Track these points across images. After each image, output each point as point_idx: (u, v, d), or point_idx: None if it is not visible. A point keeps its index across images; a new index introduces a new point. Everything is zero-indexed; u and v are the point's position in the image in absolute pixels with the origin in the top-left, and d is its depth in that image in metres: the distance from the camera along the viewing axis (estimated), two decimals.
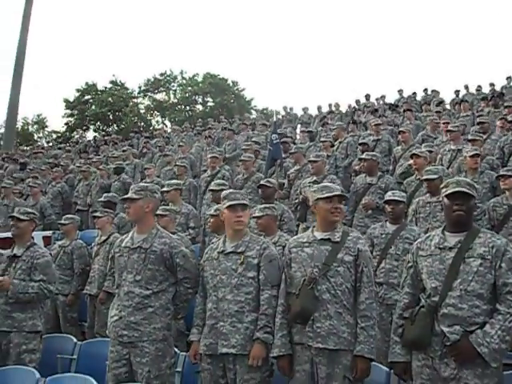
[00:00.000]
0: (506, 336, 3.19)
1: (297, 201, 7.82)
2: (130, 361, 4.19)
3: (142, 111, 34.21)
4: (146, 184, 4.65)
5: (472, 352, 3.18)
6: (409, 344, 3.41)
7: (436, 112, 12.79)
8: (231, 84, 34.36)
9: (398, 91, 20.09)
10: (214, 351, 3.98)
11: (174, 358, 4.37)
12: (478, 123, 10.01)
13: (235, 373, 3.94)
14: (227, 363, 3.97)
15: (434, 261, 3.41)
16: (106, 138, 21.95)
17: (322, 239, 3.84)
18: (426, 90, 19.45)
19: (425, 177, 6.25)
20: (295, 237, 4.20)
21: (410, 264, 3.59)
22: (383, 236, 5.39)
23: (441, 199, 3.66)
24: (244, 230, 4.19)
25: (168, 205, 7.41)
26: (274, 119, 10.27)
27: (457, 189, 3.41)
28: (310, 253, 3.82)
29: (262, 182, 7.11)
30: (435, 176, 6.00)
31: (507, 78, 18.43)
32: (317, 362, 3.67)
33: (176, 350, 4.57)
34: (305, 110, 20.52)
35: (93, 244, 7.27)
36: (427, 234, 3.67)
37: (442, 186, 3.62)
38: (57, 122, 47.97)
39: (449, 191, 3.43)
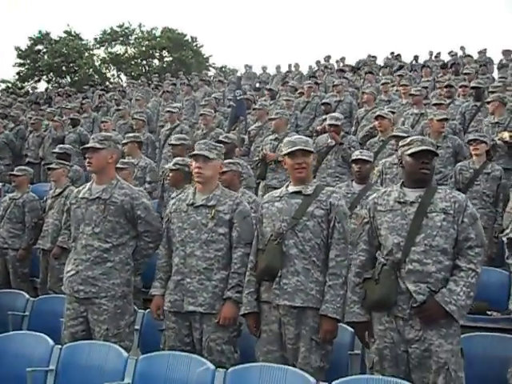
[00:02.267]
0: (470, 292, 3.18)
1: (257, 158, 7.71)
2: (87, 318, 4.02)
3: (97, 63, 33.18)
4: (109, 134, 4.41)
5: (440, 311, 3.14)
6: (374, 305, 3.31)
7: (398, 76, 12.79)
8: (190, 40, 33.57)
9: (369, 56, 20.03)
10: (179, 308, 3.85)
11: (133, 315, 4.21)
12: (446, 86, 10.03)
13: (201, 332, 3.82)
14: (193, 322, 3.85)
15: (395, 216, 3.31)
16: (59, 89, 21.25)
17: (293, 192, 3.69)
18: (392, 53, 19.49)
19: (395, 133, 6.25)
20: (270, 192, 4.03)
21: (365, 220, 3.47)
22: (349, 196, 5.32)
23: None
24: (214, 183, 4.02)
25: (125, 158, 7.18)
26: (238, 75, 10.11)
27: (423, 147, 3.33)
28: (280, 207, 3.68)
29: (220, 138, 6.98)
30: (405, 134, 5.96)
31: (461, 48, 18.57)
32: (285, 323, 3.57)
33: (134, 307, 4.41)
34: (264, 68, 20.34)
35: (45, 197, 7.00)
36: (383, 190, 3.57)
37: (402, 144, 3.50)
38: (7, 71, 45.86)
39: (414, 149, 3.34)
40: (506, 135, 7.28)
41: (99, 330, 3.96)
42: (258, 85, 17.74)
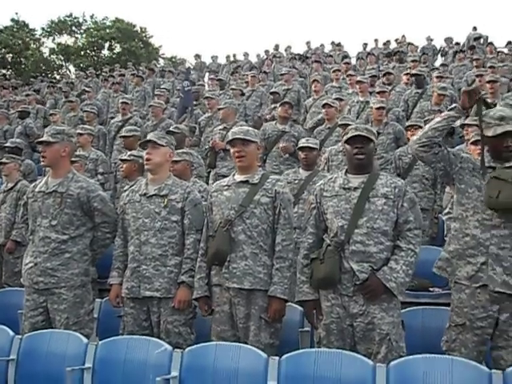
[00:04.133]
0: (409, 270, 3.45)
1: (206, 147, 7.86)
2: (47, 308, 4.13)
3: (44, 54, 32.46)
4: (62, 127, 4.49)
5: (381, 287, 3.40)
6: (319, 283, 3.53)
7: (344, 63, 13.06)
8: (139, 30, 33.26)
9: (306, 43, 20.33)
10: (137, 294, 4.00)
11: (92, 304, 4.35)
12: (384, 74, 10.39)
13: (159, 315, 3.99)
14: (151, 306, 4.01)
15: (340, 201, 3.54)
16: (4, 82, 20.81)
17: (240, 181, 3.87)
18: (333, 42, 19.80)
19: (341, 122, 6.48)
20: (218, 181, 4.21)
21: (313, 205, 3.68)
22: (296, 182, 5.53)
23: None
24: (165, 172, 4.17)
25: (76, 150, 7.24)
26: (186, 66, 10.18)
27: (356, 133, 3.55)
28: (228, 195, 3.86)
29: (170, 129, 7.07)
30: (351, 123, 6.19)
31: (402, 36, 19.04)
32: (235, 303, 3.77)
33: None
34: (214, 58, 20.37)
35: None
36: (329, 177, 3.79)
37: (342, 133, 3.74)
38: None
39: (348, 136, 3.58)
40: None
41: (59, 318, 4.07)
42: (207, 74, 17.82)
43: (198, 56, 20.49)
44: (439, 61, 17.25)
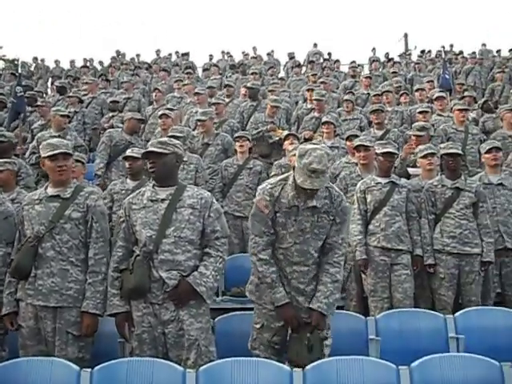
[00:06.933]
0: (217, 276, 3.65)
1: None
2: None
3: None
4: None
5: (191, 292, 3.55)
6: (130, 293, 3.58)
7: (187, 73, 13.22)
8: None
9: (156, 51, 20.30)
10: None
11: None
12: (225, 86, 10.72)
13: None
14: None
15: (148, 212, 3.63)
16: None
17: (51, 196, 3.83)
18: (177, 52, 19.98)
19: (171, 134, 6.57)
20: (30, 194, 4.12)
21: (122, 219, 3.74)
22: (123, 192, 5.54)
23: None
24: None
25: None
26: (21, 71, 9.83)
27: (147, 149, 3.76)
28: (39, 210, 3.79)
29: None
30: (180, 134, 6.30)
31: (253, 48, 19.59)
32: (42, 317, 3.72)
33: None
34: (57, 62, 19.68)
35: None
36: (138, 190, 3.86)
37: None
38: None
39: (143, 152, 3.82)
40: (283, 133, 8.00)
41: None
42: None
43: (36, 59, 19.71)
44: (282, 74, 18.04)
